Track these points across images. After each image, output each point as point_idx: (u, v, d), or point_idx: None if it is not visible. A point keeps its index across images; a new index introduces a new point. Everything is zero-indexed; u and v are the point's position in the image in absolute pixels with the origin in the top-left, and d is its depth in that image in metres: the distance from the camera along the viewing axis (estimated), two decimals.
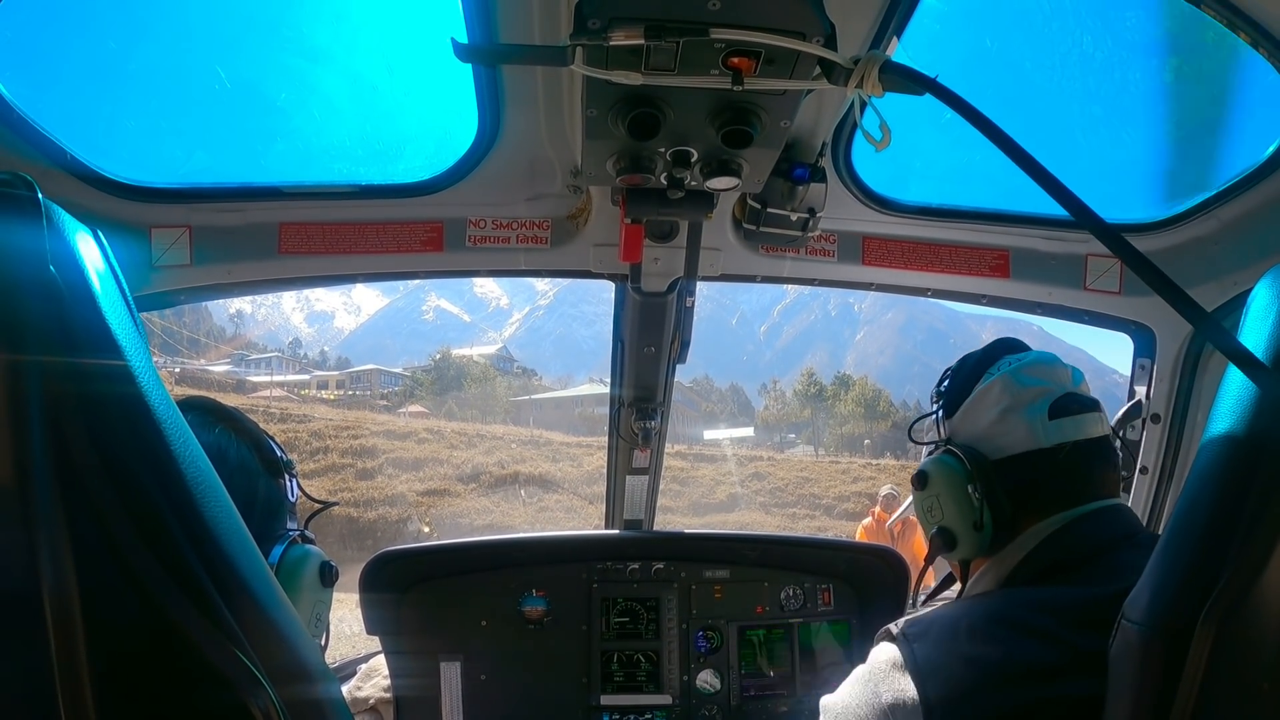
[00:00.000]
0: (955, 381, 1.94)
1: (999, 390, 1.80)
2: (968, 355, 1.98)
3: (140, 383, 0.91)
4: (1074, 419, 1.74)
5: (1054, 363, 1.84)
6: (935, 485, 1.83)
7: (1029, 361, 1.83)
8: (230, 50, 2.25)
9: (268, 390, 78.57)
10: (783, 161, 2.11)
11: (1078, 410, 1.75)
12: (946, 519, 1.81)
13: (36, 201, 0.85)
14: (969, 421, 1.85)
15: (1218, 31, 1.97)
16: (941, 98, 1.25)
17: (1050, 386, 1.77)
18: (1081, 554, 1.64)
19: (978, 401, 1.83)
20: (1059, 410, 1.74)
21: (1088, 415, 1.76)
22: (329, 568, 1.80)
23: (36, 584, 0.81)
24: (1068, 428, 1.73)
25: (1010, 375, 1.80)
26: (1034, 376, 1.79)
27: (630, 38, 1.37)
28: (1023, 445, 1.75)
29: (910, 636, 1.54)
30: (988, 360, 1.90)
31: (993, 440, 1.79)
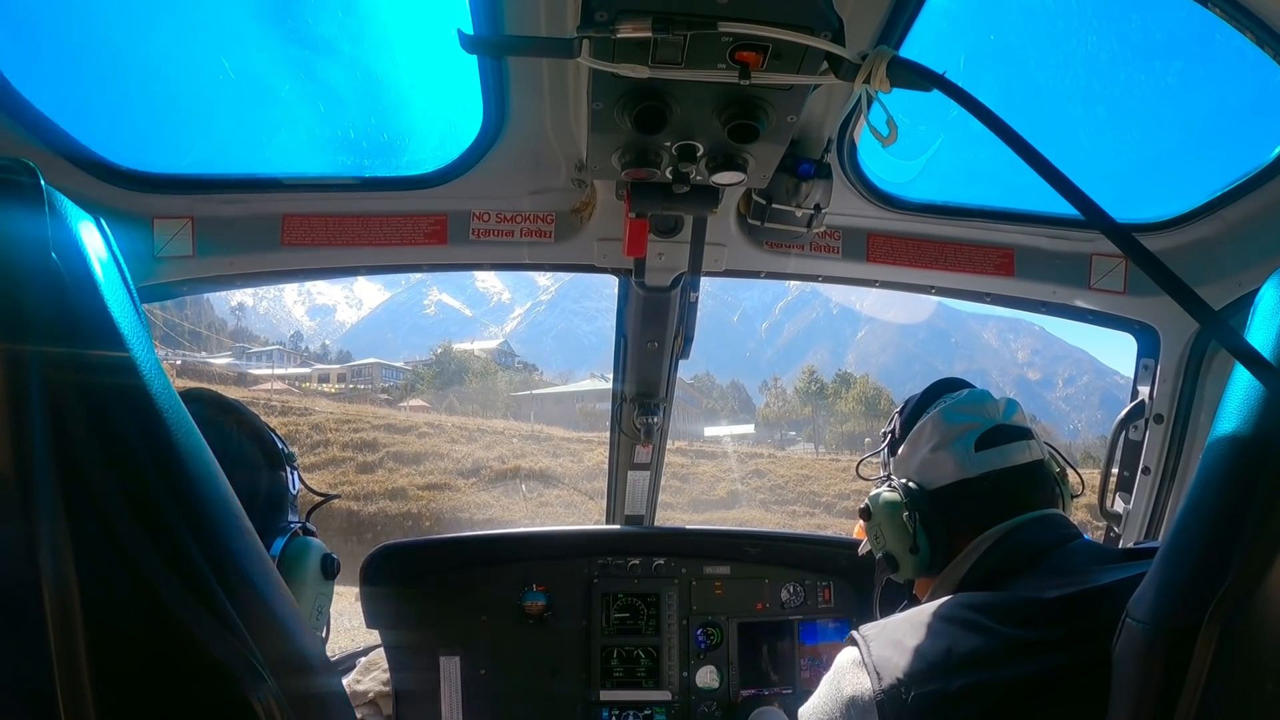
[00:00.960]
0: (899, 423, 2.12)
1: (930, 428, 1.97)
2: (910, 398, 2.16)
3: (142, 373, 0.90)
4: (1000, 449, 1.88)
5: (984, 400, 1.98)
6: (877, 516, 2.00)
7: (959, 400, 1.99)
8: (235, 41, 2.25)
9: (269, 383, 78.66)
10: (788, 157, 2.10)
11: (1004, 440, 1.89)
12: (888, 545, 1.99)
13: (39, 188, 0.84)
14: (906, 459, 2.02)
15: (1224, 32, 1.97)
16: (950, 94, 1.24)
17: (977, 421, 1.92)
18: (1019, 561, 1.77)
19: (914, 440, 2.01)
20: (985, 442, 1.89)
21: (1014, 445, 1.90)
22: (330, 560, 1.80)
23: (36, 575, 0.80)
24: (993, 458, 1.88)
25: (941, 414, 1.97)
26: (962, 413, 1.95)
27: (638, 30, 1.37)
28: (951, 476, 1.90)
29: (868, 637, 1.67)
30: (926, 401, 2.07)
31: (926, 473, 1.95)
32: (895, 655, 1.58)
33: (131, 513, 0.86)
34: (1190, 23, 2.15)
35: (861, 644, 1.66)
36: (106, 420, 0.86)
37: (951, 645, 1.54)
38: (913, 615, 1.69)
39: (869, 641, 1.65)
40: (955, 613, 1.63)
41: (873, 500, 2.04)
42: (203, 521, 0.92)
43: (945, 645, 1.55)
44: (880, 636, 1.66)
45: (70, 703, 0.81)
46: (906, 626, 1.65)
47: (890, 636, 1.64)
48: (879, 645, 1.63)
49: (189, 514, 0.91)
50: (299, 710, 0.95)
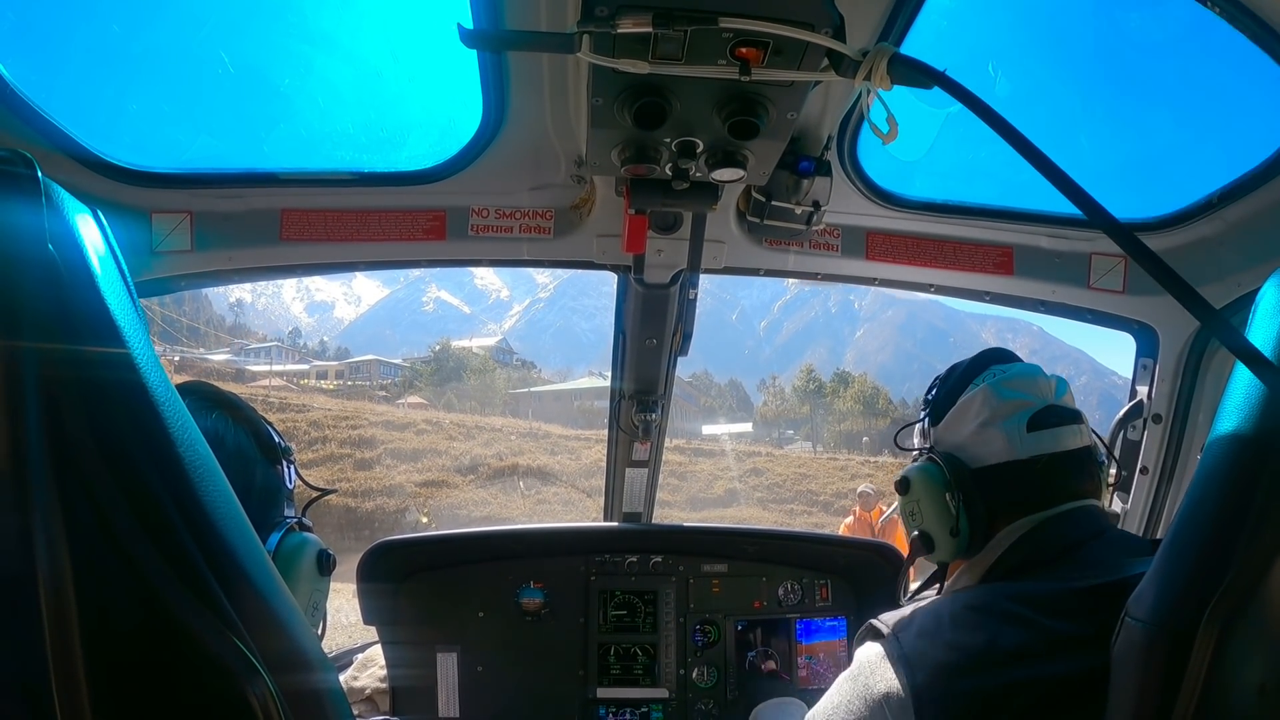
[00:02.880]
0: (941, 391, 1.99)
1: (980, 402, 1.85)
2: (956, 365, 2.03)
3: (139, 366, 0.89)
4: (1052, 432, 1.79)
5: (1037, 375, 1.88)
6: (916, 491, 1.90)
7: (1012, 374, 1.87)
8: (234, 35, 2.25)
9: (267, 379, 78.58)
10: (788, 154, 2.09)
11: (1056, 423, 1.79)
12: (926, 524, 1.88)
13: (36, 180, 0.83)
14: (951, 431, 1.90)
15: (1224, 31, 1.97)
16: (951, 91, 1.25)
17: (1030, 400, 1.82)
18: (1053, 551, 1.70)
19: (960, 412, 1.89)
20: (1037, 423, 1.78)
21: (1066, 428, 1.80)
22: (326, 556, 1.79)
23: (31, 569, 0.79)
24: (1045, 440, 1.78)
25: (991, 387, 1.85)
26: (1015, 389, 1.83)
27: (638, 25, 1.36)
28: (999, 456, 1.80)
29: (895, 629, 1.60)
30: (974, 371, 1.95)
31: (972, 450, 1.85)
32: (930, 648, 1.52)
33: (128, 507, 0.85)
34: (1189, 22, 2.16)
35: (888, 636, 1.60)
36: (103, 414, 0.85)
37: (993, 638, 1.49)
38: (942, 606, 1.62)
39: (897, 634, 1.59)
40: (994, 603, 1.56)
41: (914, 472, 1.93)
42: (199, 516, 0.92)
43: (986, 638, 1.49)
44: (909, 628, 1.59)
45: (65, 698, 0.81)
46: (938, 618, 1.58)
47: (921, 628, 1.58)
48: (909, 638, 1.56)
49: (185, 509, 0.90)
50: (296, 706, 0.95)
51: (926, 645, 1.53)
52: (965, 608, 1.58)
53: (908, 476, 1.94)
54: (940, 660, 1.49)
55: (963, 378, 1.95)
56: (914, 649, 1.53)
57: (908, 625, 1.60)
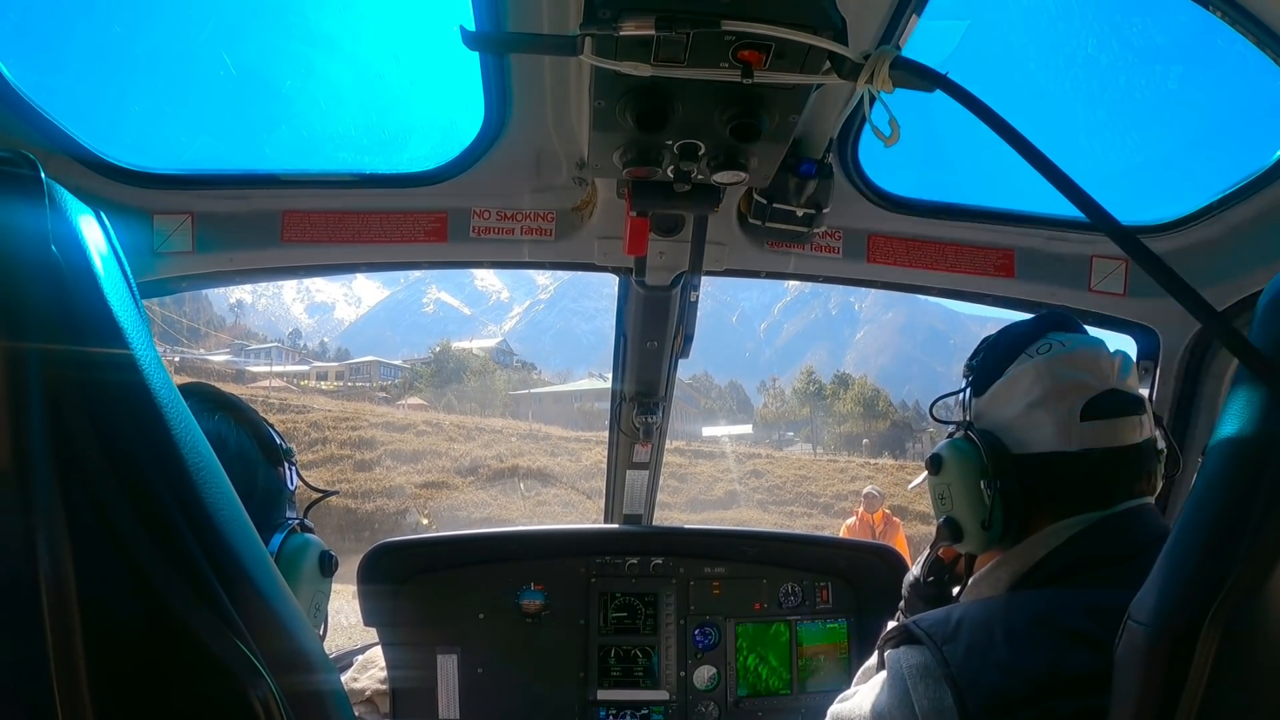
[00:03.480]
0: (990, 357, 1.77)
1: (1032, 378, 1.65)
2: (1010, 326, 1.81)
3: (142, 368, 0.90)
4: (1109, 423, 1.59)
5: (1099, 353, 1.66)
6: (949, 473, 1.71)
7: (1072, 348, 1.66)
8: (236, 36, 2.25)
9: (267, 380, 78.54)
10: (790, 157, 2.09)
11: (1114, 413, 1.60)
12: (956, 510, 1.70)
13: (39, 180, 0.83)
14: (996, 406, 1.71)
15: (1226, 34, 1.97)
16: (953, 94, 1.25)
17: (1089, 381, 1.61)
18: (1111, 555, 1.54)
19: (1008, 386, 1.69)
20: (1094, 411, 1.59)
21: (1125, 420, 1.61)
22: (329, 557, 1.79)
23: (34, 571, 0.79)
24: (1101, 433, 1.59)
25: (1047, 363, 1.64)
26: (1074, 367, 1.63)
27: (641, 28, 1.37)
28: (1047, 445, 1.62)
29: (939, 639, 1.43)
30: (1029, 338, 1.73)
31: (1016, 432, 1.65)
32: (983, 669, 1.35)
33: (130, 508, 0.85)
34: (1192, 25, 2.16)
35: (931, 648, 1.42)
36: (106, 416, 0.85)
37: (1057, 661, 1.32)
38: (993, 615, 1.45)
39: (942, 647, 1.41)
40: (1054, 615, 1.40)
41: (949, 450, 1.73)
42: (202, 518, 0.92)
43: (1049, 661, 1.33)
44: (957, 641, 1.41)
45: (67, 699, 0.81)
46: (989, 631, 1.41)
47: (971, 642, 1.40)
48: (957, 653, 1.39)
49: (188, 510, 0.90)
50: (298, 708, 0.95)
51: (978, 665, 1.36)
52: (1025, 619, 1.42)
53: (940, 454, 1.74)
54: (996, 686, 1.33)
55: (1015, 345, 1.73)
56: (964, 669, 1.37)
57: (953, 637, 1.43)
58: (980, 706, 1.31)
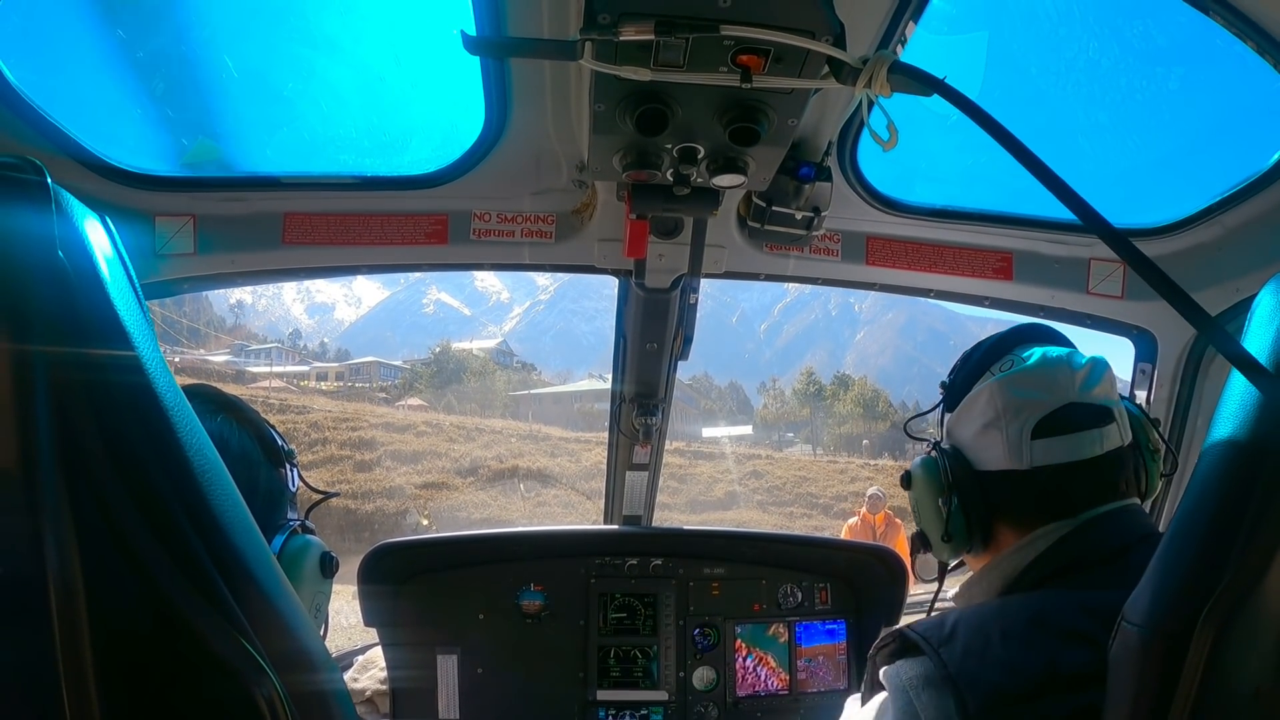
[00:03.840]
0: (959, 375, 1.80)
1: (986, 399, 1.66)
2: (983, 342, 1.82)
3: (148, 370, 0.90)
4: (1065, 439, 1.59)
5: (1057, 369, 1.64)
6: (916, 489, 1.77)
7: (1029, 366, 1.66)
8: (237, 39, 2.26)
9: (267, 381, 78.48)
10: (788, 160, 2.10)
11: (1073, 428, 1.59)
12: (922, 524, 1.77)
13: (45, 186, 0.84)
14: (959, 425, 1.73)
15: (1224, 39, 1.98)
16: (950, 99, 1.25)
17: (1044, 399, 1.61)
18: (1097, 557, 1.52)
19: (968, 406, 1.71)
20: (1047, 428, 1.59)
21: (1082, 434, 1.60)
22: (329, 558, 1.80)
23: (41, 571, 0.80)
24: (1055, 449, 1.59)
25: (1000, 384, 1.65)
26: (1027, 387, 1.63)
27: (640, 33, 1.37)
28: (999, 463, 1.64)
29: (935, 642, 1.40)
30: (995, 354, 1.75)
31: (975, 451, 1.69)
32: (981, 669, 1.33)
33: (136, 509, 0.86)
34: (1190, 29, 2.16)
35: (930, 653, 1.39)
36: (112, 417, 0.86)
37: (1053, 659, 1.31)
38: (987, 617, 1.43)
39: (939, 650, 1.38)
40: (1050, 616, 1.38)
41: (915, 469, 1.78)
42: (207, 518, 0.93)
43: (1046, 659, 1.31)
44: (953, 644, 1.39)
45: (75, 698, 0.82)
46: (984, 632, 1.39)
47: (968, 645, 1.38)
48: (954, 655, 1.37)
49: (193, 510, 0.91)
50: (302, 706, 0.96)
51: (975, 665, 1.34)
52: (1020, 619, 1.41)
53: (910, 471, 1.80)
54: (995, 684, 1.31)
55: (981, 362, 1.76)
56: (961, 670, 1.34)
57: (949, 640, 1.40)
58: (980, 705, 1.30)
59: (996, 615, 1.44)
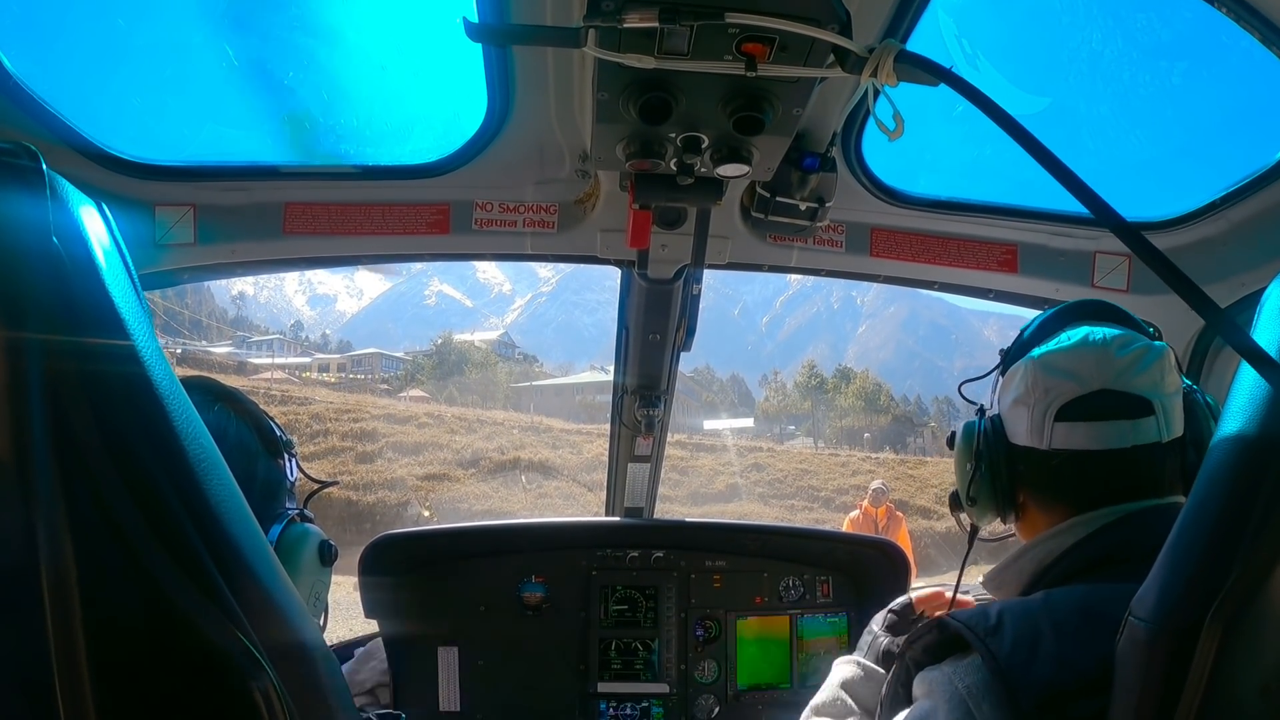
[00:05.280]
0: (1016, 345, 1.79)
1: (1020, 374, 1.65)
2: (1045, 312, 1.80)
3: (144, 359, 0.90)
4: (1090, 425, 1.55)
5: (1098, 351, 1.59)
6: (956, 448, 1.80)
7: (1067, 346, 1.62)
8: (238, 28, 2.24)
9: (269, 372, 78.50)
10: (793, 150, 2.08)
11: (1099, 415, 1.55)
12: (957, 483, 1.80)
13: (40, 172, 0.83)
14: (1001, 394, 1.74)
15: (1231, 31, 1.96)
16: (957, 88, 1.24)
17: (1075, 382, 1.57)
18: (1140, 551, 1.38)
19: (1009, 378, 1.71)
20: (1071, 412, 1.56)
21: (1112, 423, 1.54)
22: (328, 547, 1.80)
23: (34, 562, 0.80)
24: (1076, 434, 1.56)
25: (1037, 360, 1.63)
26: (1061, 368, 1.59)
27: (644, 20, 1.36)
28: (1024, 439, 1.63)
29: (981, 633, 1.35)
30: (1049, 328, 1.73)
31: (1009, 423, 1.69)
32: (1033, 663, 1.28)
33: (131, 500, 0.85)
34: (1197, 22, 2.15)
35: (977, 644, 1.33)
36: (107, 407, 0.85)
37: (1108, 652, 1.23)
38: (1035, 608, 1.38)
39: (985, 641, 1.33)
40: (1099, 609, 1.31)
41: (962, 427, 1.80)
42: (203, 509, 0.92)
43: (1101, 652, 1.24)
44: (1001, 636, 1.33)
45: (68, 690, 0.81)
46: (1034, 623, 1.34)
47: (1017, 637, 1.32)
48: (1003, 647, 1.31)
49: (189, 501, 0.90)
50: (298, 699, 0.95)
51: (1026, 657, 1.29)
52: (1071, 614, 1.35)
53: (954, 431, 1.84)
54: (1048, 680, 1.26)
55: (1035, 336, 1.73)
56: (1012, 663, 1.29)
57: (996, 632, 1.34)
58: (1034, 703, 1.25)
59: (1044, 607, 1.39)
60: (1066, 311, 1.75)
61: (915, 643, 1.48)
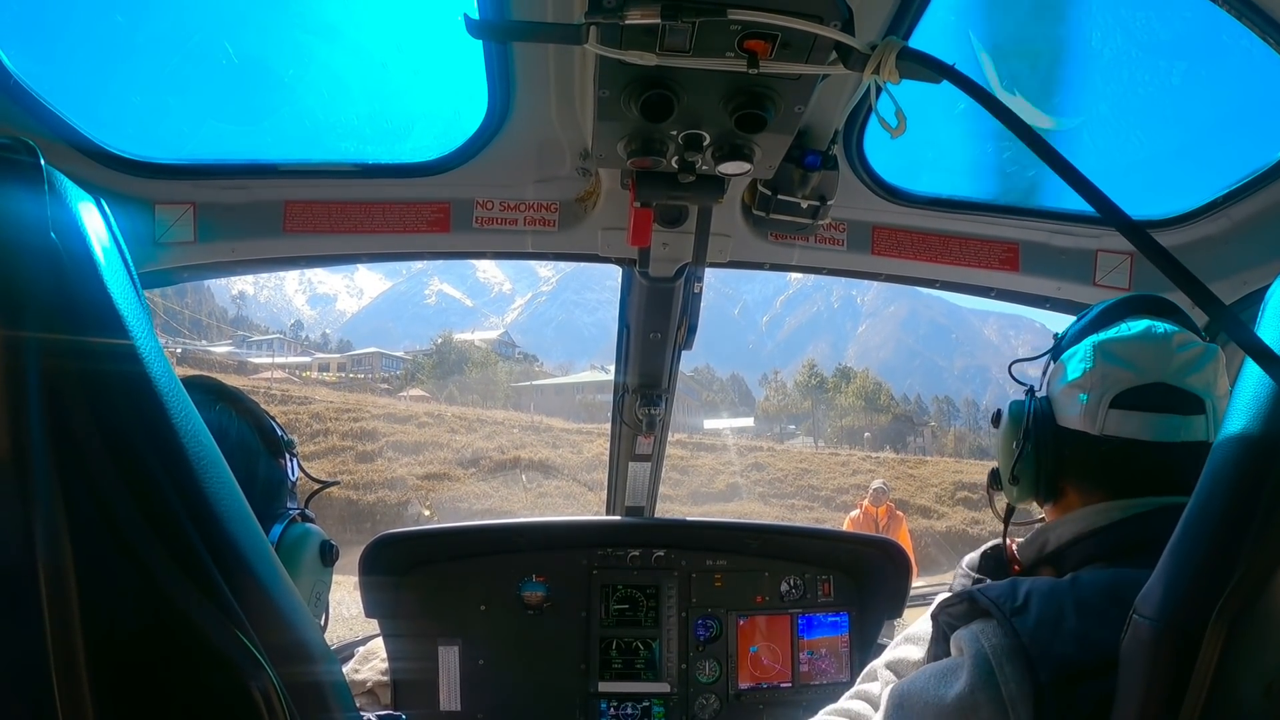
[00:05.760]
0: (1073, 329, 1.80)
1: (1080, 357, 1.66)
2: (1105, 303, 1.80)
3: (143, 357, 0.89)
4: (1144, 416, 1.57)
5: (1160, 344, 1.61)
6: (1001, 426, 1.82)
7: (1130, 335, 1.63)
8: (237, 25, 2.24)
9: (269, 372, 78.55)
10: (794, 148, 2.08)
11: (1150, 407, 1.57)
12: (999, 461, 1.82)
13: (38, 167, 0.83)
14: (1055, 376, 1.74)
15: (1233, 28, 1.95)
16: (960, 85, 1.24)
17: (1134, 371, 1.59)
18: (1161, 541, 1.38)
19: (1066, 360, 1.71)
20: (1127, 401, 1.58)
21: (1165, 417, 1.57)
22: (329, 547, 1.79)
23: (32, 561, 0.79)
24: (1129, 423, 1.58)
25: (1098, 345, 1.65)
26: (1122, 356, 1.61)
27: (646, 17, 1.35)
28: (1076, 423, 1.64)
29: (1008, 610, 1.39)
30: (1109, 317, 1.73)
31: (1059, 405, 1.69)
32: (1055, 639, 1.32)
33: (131, 499, 0.85)
34: (1199, 19, 2.14)
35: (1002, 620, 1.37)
36: (106, 406, 0.85)
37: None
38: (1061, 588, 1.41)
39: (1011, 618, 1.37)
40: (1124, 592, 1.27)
41: (1006, 409, 1.82)
42: (203, 508, 0.91)
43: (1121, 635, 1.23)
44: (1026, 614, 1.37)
45: (66, 691, 0.80)
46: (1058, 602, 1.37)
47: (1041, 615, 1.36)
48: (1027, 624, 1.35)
49: (189, 501, 0.90)
50: (299, 699, 0.95)
51: (1050, 635, 1.33)
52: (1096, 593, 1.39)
53: (1000, 410, 1.85)
54: (1068, 657, 1.30)
55: (1095, 322, 1.74)
56: (1035, 639, 1.33)
57: (1023, 610, 1.38)
58: (1053, 677, 1.28)
59: (1069, 588, 1.42)
60: (1126, 303, 1.76)
61: (947, 610, 1.52)
